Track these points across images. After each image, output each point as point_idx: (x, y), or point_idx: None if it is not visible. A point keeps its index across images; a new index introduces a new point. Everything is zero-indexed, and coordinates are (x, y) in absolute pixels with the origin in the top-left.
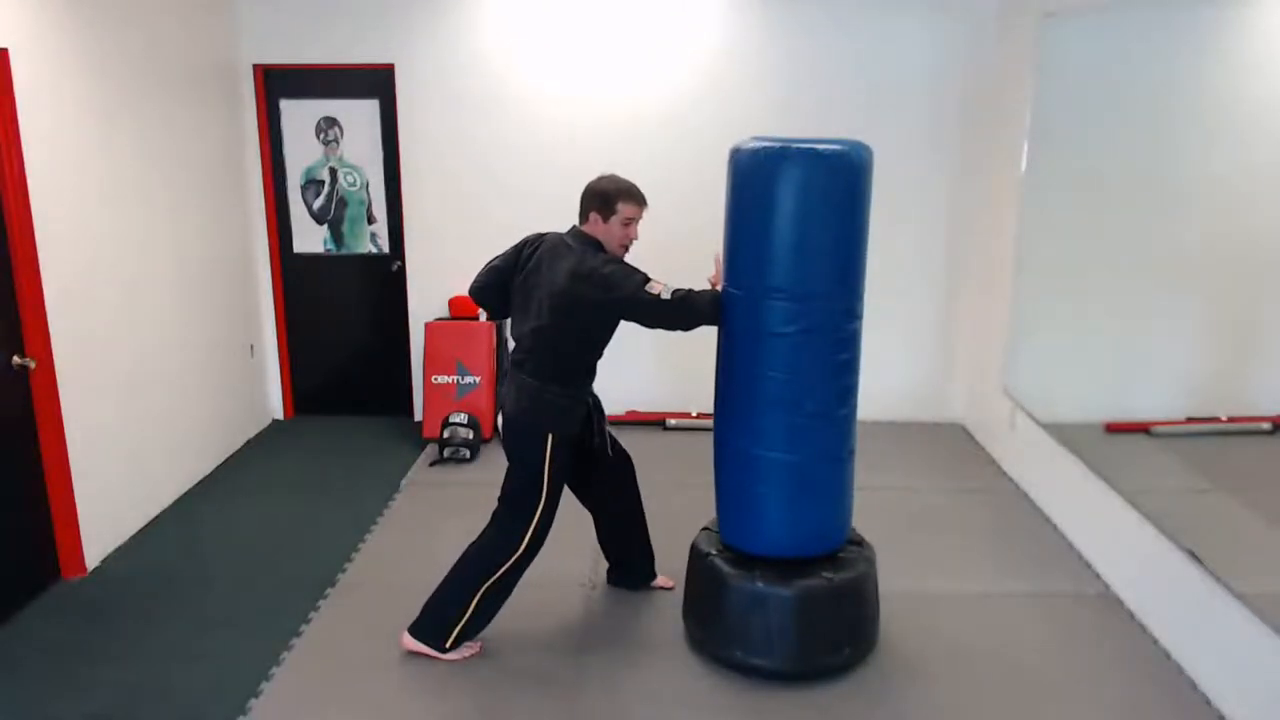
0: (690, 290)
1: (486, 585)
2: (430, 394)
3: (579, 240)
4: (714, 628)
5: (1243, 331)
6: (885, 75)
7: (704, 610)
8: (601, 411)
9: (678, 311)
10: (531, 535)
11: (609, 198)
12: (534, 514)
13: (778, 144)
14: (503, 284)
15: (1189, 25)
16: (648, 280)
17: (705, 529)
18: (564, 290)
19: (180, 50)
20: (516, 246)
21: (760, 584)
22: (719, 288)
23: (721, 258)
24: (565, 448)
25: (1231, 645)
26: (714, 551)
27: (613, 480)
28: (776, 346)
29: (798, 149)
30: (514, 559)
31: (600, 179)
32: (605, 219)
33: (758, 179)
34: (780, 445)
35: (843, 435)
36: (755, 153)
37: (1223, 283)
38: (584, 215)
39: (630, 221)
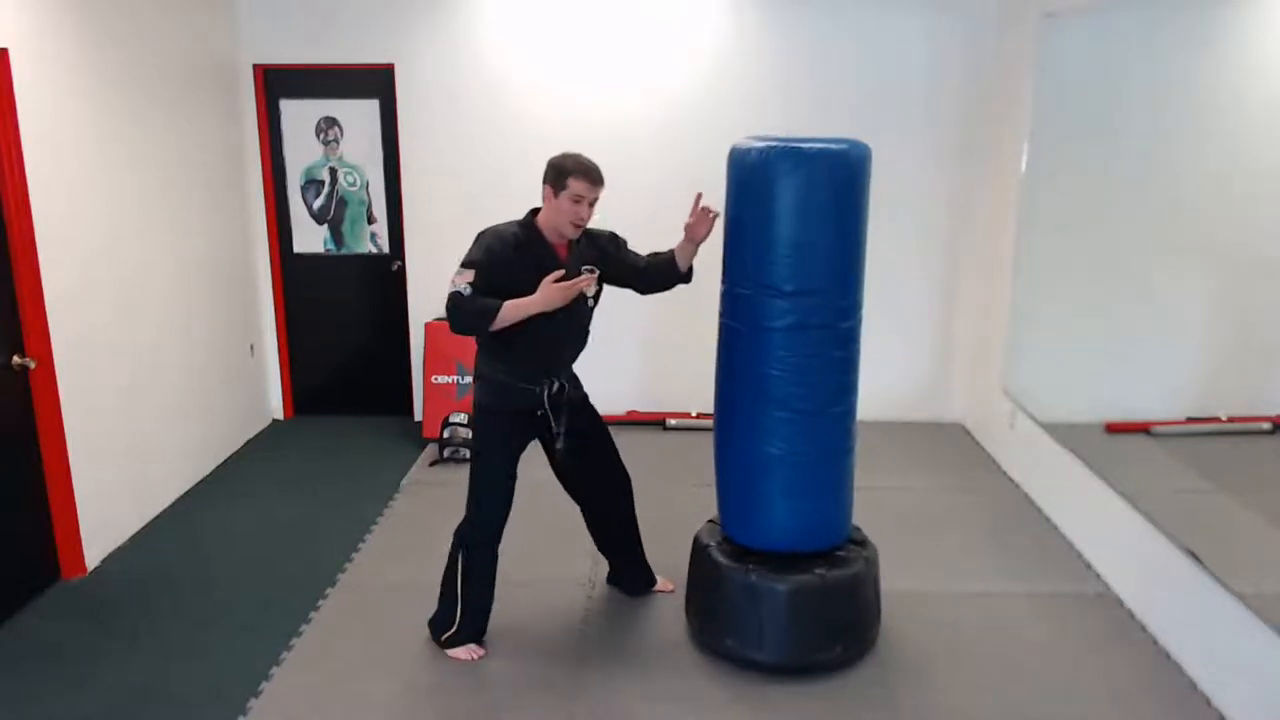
0: (464, 294)
1: (460, 568)
2: (430, 394)
3: (519, 220)
4: (709, 618)
5: (1242, 331)
6: (885, 75)
7: (701, 601)
8: (569, 409)
9: (449, 308)
10: (478, 510)
11: (562, 172)
12: (477, 488)
13: (777, 143)
14: None
15: (1189, 25)
16: (465, 268)
17: (710, 521)
18: None
19: (180, 50)
20: None
21: (754, 577)
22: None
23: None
24: (499, 425)
25: (1231, 645)
26: (713, 543)
27: (595, 481)
28: (776, 343)
29: (796, 148)
30: (469, 535)
31: (561, 154)
32: (555, 193)
33: (757, 178)
34: (779, 441)
35: (842, 431)
36: (754, 151)
37: (1222, 283)
38: (542, 189)
39: (580, 199)
